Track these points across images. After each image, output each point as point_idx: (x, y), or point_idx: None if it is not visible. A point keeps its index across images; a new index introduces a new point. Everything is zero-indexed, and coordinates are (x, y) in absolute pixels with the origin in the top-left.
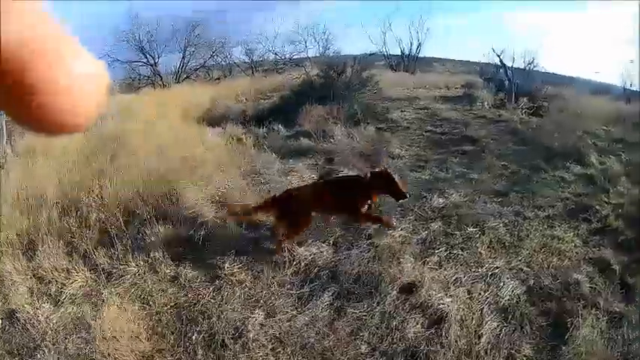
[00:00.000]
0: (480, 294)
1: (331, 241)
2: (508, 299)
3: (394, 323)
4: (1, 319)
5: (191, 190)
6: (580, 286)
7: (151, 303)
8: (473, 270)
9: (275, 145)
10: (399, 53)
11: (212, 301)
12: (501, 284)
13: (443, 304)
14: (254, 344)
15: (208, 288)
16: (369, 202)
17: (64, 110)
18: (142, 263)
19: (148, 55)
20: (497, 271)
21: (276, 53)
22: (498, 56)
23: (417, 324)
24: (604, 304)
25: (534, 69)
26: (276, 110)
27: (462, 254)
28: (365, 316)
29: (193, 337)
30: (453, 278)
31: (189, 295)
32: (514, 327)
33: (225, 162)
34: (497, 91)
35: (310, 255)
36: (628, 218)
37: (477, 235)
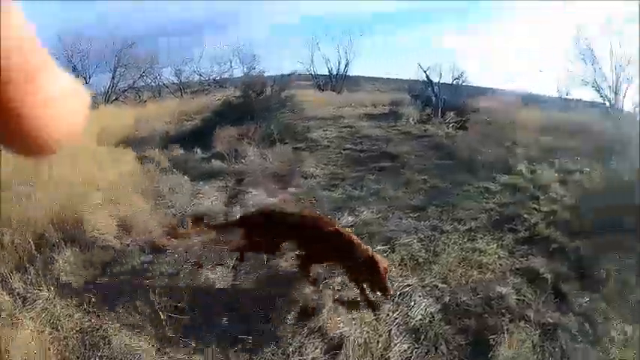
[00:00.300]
0: (387, 315)
1: (231, 265)
2: (420, 319)
3: (290, 349)
4: None
5: (96, 215)
6: (505, 299)
7: (59, 328)
8: None
9: (189, 167)
10: (327, 73)
11: (112, 326)
12: (412, 303)
13: (344, 327)
14: None
15: (110, 313)
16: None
17: (43, 126)
18: (52, 288)
19: (79, 75)
20: (408, 289)
21: (201, 74)
22: (425, 72)
23: (316, 349)
24: (535, 316)
25: (463, 84)
26: (197, 132)
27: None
28: (259, 342)
29: None
30: (358, 299)
31: (93, 321)
32: (427, 348)
33: (136, 185)
34: (424, 107)
35: (209, 279)
36: (560, 225)
37: (387, 253)
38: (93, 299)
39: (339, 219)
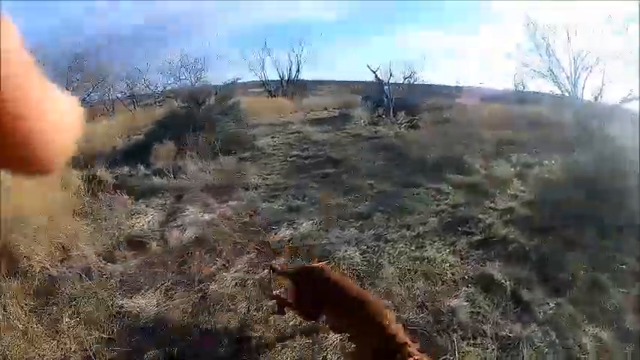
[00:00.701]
0: (323, 337)
1: (163, 289)
2: None
3: None
4: None
5: (34, 241)
6: (456, 313)
7: (8, 358)
8: None
9: (132, 185)
10: (279, 78)
11: (54, 355)
12: None
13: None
14: None
15: (51, 342)
16: None
17: (42, 145)
18: (1, 317)
19: None
20: None
21: (148, 86)
22: (374, 72)
23: None
24: (492, 330)
25: (415, 83)
26: (141, 147)
27: None
28: None
29: None
30: (291, 323)
31: (36, 350)
32: None
33: (78, 207)
34: (375, 109)
35: (138, 306)
36: (519, 223)
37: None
38: (36, 328)
39: (276, 233)
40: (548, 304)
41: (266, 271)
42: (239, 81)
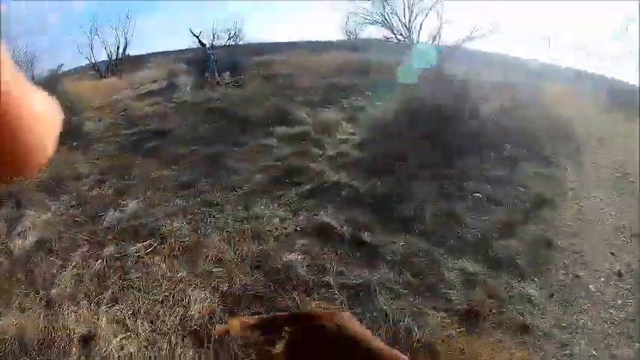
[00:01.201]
0: (163, 321)
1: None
2: (199, 318)
3: None
4: None
5: None
6: (293, 269)
7: None
8: (152, 294)
9: None
10: (107, 58)
11: None
12: (187, 299)
13: (121, 349)
14: None
15: None
16: None
17: (22, 153)
18: None
19: None
20: (180, 285)
21: None
22: (197, 37)
23: None
24: (336, 280)
25: (240, 43)
26: None
27: (138, 277)
28: None
29: None
30: (130, 312)
31: None
32: (215, 351)
33: None
34: (201, 73)
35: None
36: (351, 166)
37: (155, 246)
38: None
39: (104, 220)
40: (396, 242)
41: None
42: (73, 67)
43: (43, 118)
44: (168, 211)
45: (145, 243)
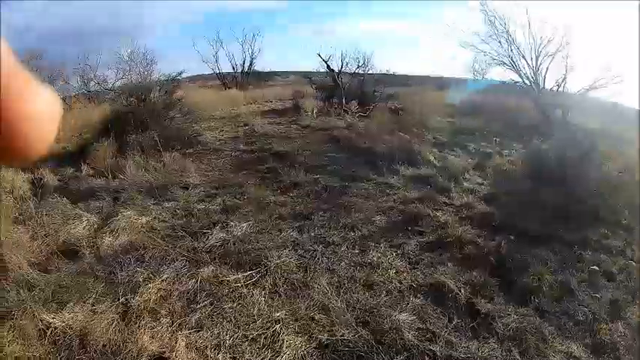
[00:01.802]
0: None
1: (89, 303)
2: None
3: None
4: None
5: None
6: (401, 331)
7: None
8: (243, 329)
9: (73, 187)
10: (232, 70)
11: None
12: (280, 343)
13: None
14: None
15: None
16: None
17: (21, 138)
18: None
19: None
20: (277, 326)
21: (98, 82)
22: (325, 62)
23: None
24: (443, 350)
25: (369, 72)
26: (87, 146)
27: (231, 307)
28: None
29: None
30: (213, 343)
31: None
32: None
33: (21, 212)
34: (327, 98)
35: (64, 320)
36: (476, 221)
37: (257, 278)
38: None
39: (208, 237)
40: (510, 314)
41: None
42: (190, 74)
43: (42, 111)
44: (277, 242)
45: (246, 273)
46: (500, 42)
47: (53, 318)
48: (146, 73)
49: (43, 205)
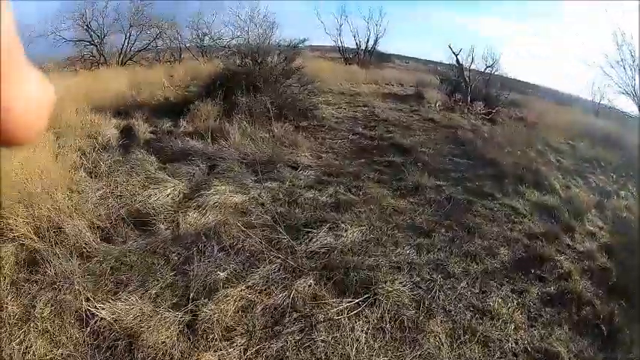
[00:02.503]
0: None
1: (151, 295)
2: None
3: None
4: None
5: (19, 210)
6: None
7: None
8: None
9: (165, 145)
10: (355, 46)
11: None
12: None
13: None
14: None
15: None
16: None
17: (13, 123)
18: None
19: (93, 35)
20: None
21: (213, 38)
22: (455, 55)
23: None
24: None
25: (496, 73)
26: (189, 102)
27: (324, 341)
28: None
29: None
30: None
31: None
32: None
33: (96, 166)
34: (452, 93)
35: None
36: (597, 276)
37: (363, 308)
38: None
39: (312, 239)
40: None
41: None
42: (311, 43)
43: (33, 97)
44: (391, 259)
45: (352, 301)
46: (624, 68)
47: (103, 309)
48: (265, 35)
49: (126, 159)
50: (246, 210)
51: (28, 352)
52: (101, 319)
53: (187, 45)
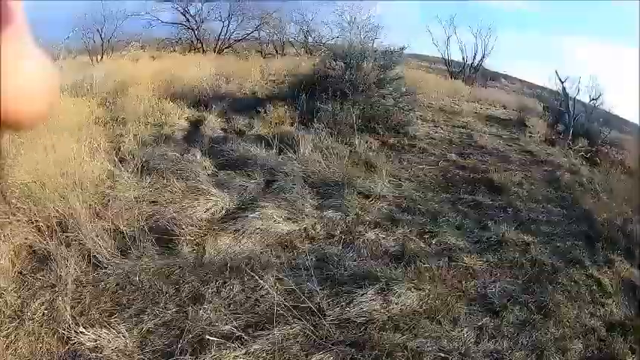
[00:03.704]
0: None
1: (143, 328)
2: None
3: None
4: None
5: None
6: None
7: None
8: None
9: (223, 148)
10: (461, 60)
11: None
12: None
13: None
14: None
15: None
16: None
17: (12, 105)
18: None
19: (190, 19)
20: None
21: (310, 35)
22: (562, 82)
23: None
24: None
25: (599, 106)
26: (274, 100)
27: None
28: None
29: None
30: None
31: None
32: None
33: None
34: (554, 123)
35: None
36: None
37: None
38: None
39: (352, 300)
40: None
41: None
42: (415, 52)
43: (36, 79)
44: (442, 345)
45: None
46: None
47: (84, 333)
48: (364, 39)
49: (180, 157)
50: (289, 244)
51: (10, 348)
52: (81, 344)
53: (291, 40)
